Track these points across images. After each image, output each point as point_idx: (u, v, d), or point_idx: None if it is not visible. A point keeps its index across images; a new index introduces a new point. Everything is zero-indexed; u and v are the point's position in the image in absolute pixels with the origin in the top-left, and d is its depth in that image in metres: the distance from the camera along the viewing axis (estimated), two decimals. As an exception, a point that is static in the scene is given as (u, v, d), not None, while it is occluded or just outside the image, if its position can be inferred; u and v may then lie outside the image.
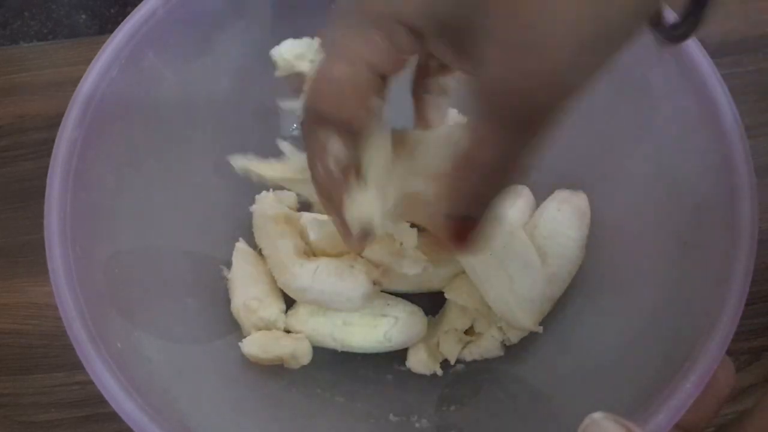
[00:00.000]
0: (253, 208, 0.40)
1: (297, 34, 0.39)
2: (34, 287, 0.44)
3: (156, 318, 0.34)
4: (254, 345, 0.36)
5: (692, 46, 0.32)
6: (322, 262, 0.36)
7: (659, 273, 0.33)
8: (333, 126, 0.24)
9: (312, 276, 0.36)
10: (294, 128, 0.42)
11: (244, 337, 0.37)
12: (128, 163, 0.35)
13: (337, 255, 0.38)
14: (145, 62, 0.35)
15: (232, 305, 0.38)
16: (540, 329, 0.36)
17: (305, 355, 0.37)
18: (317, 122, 0.24)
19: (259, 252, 0.40)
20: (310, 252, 0.39)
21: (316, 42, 0.29)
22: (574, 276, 0.38)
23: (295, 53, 0.30)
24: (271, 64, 0.40)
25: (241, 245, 0.39)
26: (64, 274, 0.30)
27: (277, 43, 0.31)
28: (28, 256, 0.45)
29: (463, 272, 0.38)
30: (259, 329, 0.37)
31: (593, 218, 0.38)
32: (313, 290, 0.36)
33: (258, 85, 0.39)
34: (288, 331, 0.38)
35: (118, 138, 0.34)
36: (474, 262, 0.35)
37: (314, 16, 0.38)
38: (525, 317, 0.35)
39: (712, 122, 0.31)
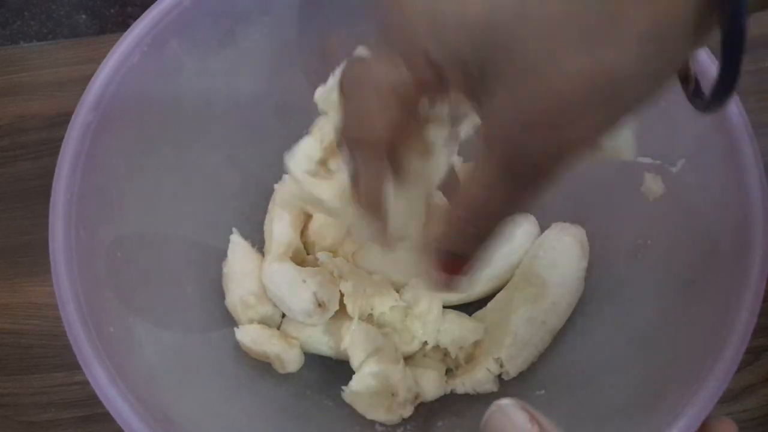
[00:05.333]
0: (277, 186, 0.40)
1: (321, 33, 0.39)
2: (34, 287, 0.44)
3: (153, 305, 0.34)
4: (247, 335, 0.36)
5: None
6: (284, 267, 0.37)
7: (662, 306, 0.33)
8: (365, 147, 0.24)
9: (271, 276, 0.37)
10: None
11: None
12: (141, 149, 0.35)
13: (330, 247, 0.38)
14: (167, 50, 0.35)
15: (227, 299, 0.38)
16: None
17: (292, 362, 0.36)
18: (352, 147, 0.25)
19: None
20: (300, 251, 0.38)
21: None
22: (575, 309, 0.37)
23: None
24: (294, 62, 0.39)
25: (236, 238, 0.39)
26: (64, 253, 0.30)
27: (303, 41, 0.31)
28: (28, 256, 0.45)
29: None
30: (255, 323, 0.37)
31: (598, 248, 0.38)
32: (270, 289, 0.37)
33: (280, 82, 0.40)
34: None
35: (133, 123, 0.34)
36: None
37: (339, 14, 0.39)
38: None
39: (729, 156, 0.31)
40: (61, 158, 0.31)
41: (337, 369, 0.37)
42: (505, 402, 0.22)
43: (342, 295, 0.37)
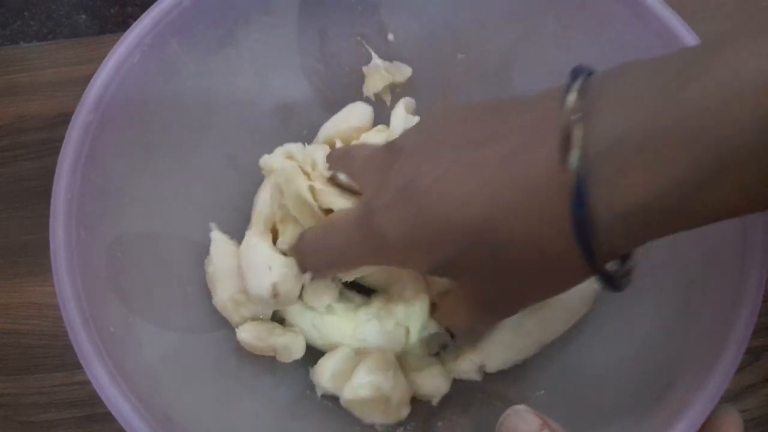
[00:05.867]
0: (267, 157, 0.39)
1: (322, 34, 0.40)
2: (34, 287, 0.44)
3: (154, 304, 0.34)
4: (249, 333, 0.36)
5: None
6: (260, 246, 0.36)
7: (662, 306, 0.33)
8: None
9: (246, 250, 0.36)
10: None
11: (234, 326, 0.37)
12: (142, 149, 0.35)
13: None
14: (167, 50, 0.35)
15: (214, 299, 0.37)
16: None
17: (298, 350, 0.36)
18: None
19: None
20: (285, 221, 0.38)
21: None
22: None
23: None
24: (294, 62, 0.39)
25: (217, 235, 0.38)
26: (65, 253, 0.30)
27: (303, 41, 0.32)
28: (28, 256, 0.45)
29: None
30: (246, 320, 0.37)
31: None
32: (240, 262, 0.36)
33: (279, 82, 0.40)
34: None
35: (134, 123, 0.34)
36: None
37: (339, 14, 0.39)
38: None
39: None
40: (62, 158, 0.31)
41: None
42: (519, 407, 0.25)
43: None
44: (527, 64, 0.38)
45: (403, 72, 0.40)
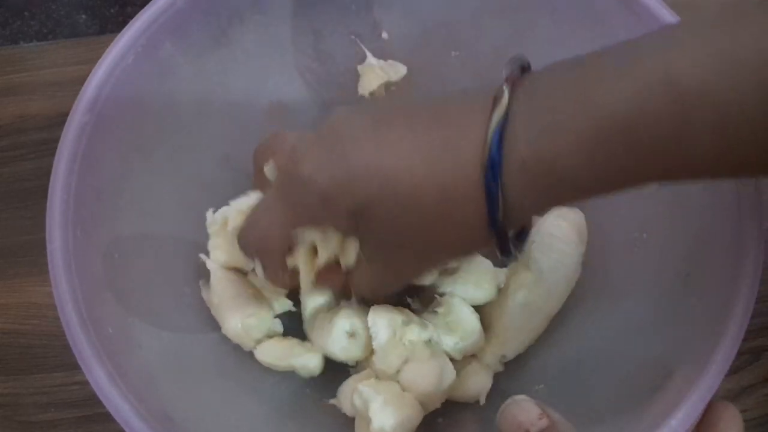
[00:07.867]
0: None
1: (316, 33, 0.40)
2: (34, 287, 0.44)
3: (152, 306, 0.34)
4: (269, 353, 0.36)
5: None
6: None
7: (659, 298, 0.34)
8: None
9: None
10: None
11: (248, 350, 0.37)
12: (137, 149, 0.35)
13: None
14: (161, 51, 0.35)
15: (224, 328, 0.36)
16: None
17: (317, 367, 0.36)
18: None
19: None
20: None
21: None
22: (573, 296, 0.37)
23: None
24: (288, 61, 0.40)
25: (212, 265, 0.37)
26: (62, 255, 0.30)
27: (298, 40, 0.32)
28: (28, 256, 0.45)
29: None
30: (261, 341, 0.37)
31: (593, 242, 0.38)
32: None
33: (273, 82, 0.40)
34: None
35: (128, 124, 0.34)
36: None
37: (333, 15, 0.39)
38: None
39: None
40: (58, 159, 0.31)
41: (337, 369, 0.37)
42: (519, 397, 0.25)
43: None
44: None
45: (398, 70, 0.40)
